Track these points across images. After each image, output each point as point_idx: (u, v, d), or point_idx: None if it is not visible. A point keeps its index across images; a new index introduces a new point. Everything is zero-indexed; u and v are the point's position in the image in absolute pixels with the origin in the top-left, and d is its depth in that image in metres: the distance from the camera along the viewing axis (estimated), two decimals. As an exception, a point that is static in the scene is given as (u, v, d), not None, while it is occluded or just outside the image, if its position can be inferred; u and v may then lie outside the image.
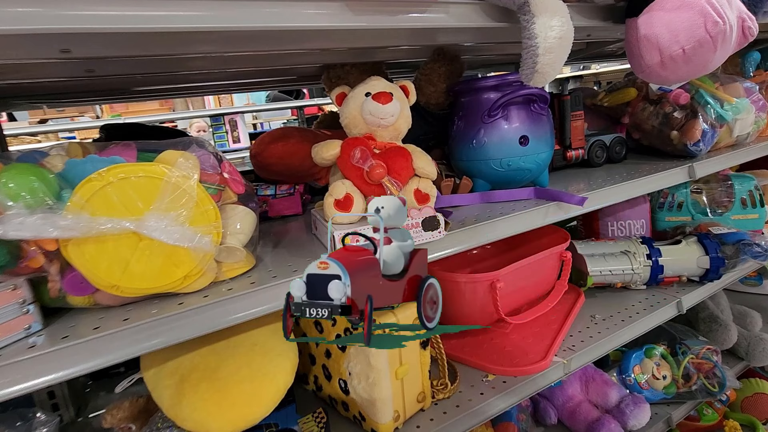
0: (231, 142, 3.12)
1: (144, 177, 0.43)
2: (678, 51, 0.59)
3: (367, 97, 0.60)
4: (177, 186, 0.44)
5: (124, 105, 3.33)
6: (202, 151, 0.48)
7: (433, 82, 0.83)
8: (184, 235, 0.44)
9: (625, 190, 0.79)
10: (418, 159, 0.60)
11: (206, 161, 0.48)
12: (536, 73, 0.55)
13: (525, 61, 0.56)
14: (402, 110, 0.61)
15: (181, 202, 0.44)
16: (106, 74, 0.61)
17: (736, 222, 1.20)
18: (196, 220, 0.45)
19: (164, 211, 0.43)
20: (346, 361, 0.66)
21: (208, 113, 3.02)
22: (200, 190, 0.46)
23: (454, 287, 0.81)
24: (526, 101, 0.74)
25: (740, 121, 0.93)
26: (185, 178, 0.45)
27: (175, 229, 0.44)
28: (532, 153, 0.74)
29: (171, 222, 0.43)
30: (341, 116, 0.63)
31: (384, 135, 0.61)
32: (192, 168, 0.45)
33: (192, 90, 1.09)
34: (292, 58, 0.73)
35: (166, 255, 0.45)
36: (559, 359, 0.80)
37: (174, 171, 0.44)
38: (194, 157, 0.46)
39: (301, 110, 3.24)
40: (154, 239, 0.43)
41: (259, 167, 0.87)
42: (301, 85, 1.37)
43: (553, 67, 0.55)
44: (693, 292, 1.00)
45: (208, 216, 0.46)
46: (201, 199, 0.46)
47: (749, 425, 1.28)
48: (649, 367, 1.07)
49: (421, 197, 0.59)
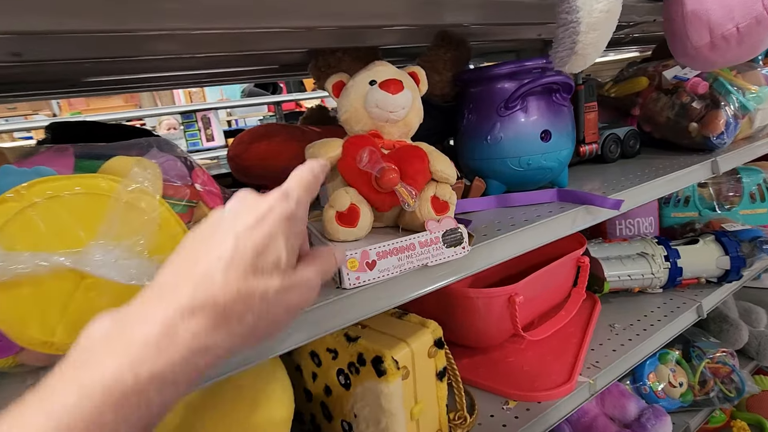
0: (204, 140, 2.95)
1: (83, 194, 0.32)
2: (732, 29, 0.51)
3: (372, 86, 0.49)
4: (131, 205, 0.33)
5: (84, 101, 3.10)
6: (165, 156, 0.37)
7: (438, 70, 0.72)
8: (143, 269, 0.33)
9: (655, 188, 0.71)
10: (436, 160, 0.50)
11: (172, 169, 0.37)
12: (575, 55, 0.46)
13: (561, 40, 0.46)
14: (414, 102, 0.51)
15: (138, 226, 0.33)
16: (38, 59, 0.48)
17: (745, 217, 1.15)
18: (161, 249, 0.34)
19: (114, 240, 0.32)
20: (351, 401, 0.55)
21: (178, 110, 2.84)
22: (164, 209, 0.35)
23: (466, 304, 0.71)
24: (547, 91, 0.64)
25: (761, 111, 0.87)
26: (142, 194, 0.33)
27: (131, 263, 0.32)
28: (554, 150, 0.65)
29: (124, 253, 0.32)
30: (340, 110, 0.52)
31: (392, 132, 0.51)
32: (152, 179, 0.34)
33: (157, 82, 0.95)
34: (271, 40, 0.61)
35: (120, 296, 0.33)
36: (585, 379, 0.72)
37: (126, 184, 0.32)
38: (154, 165, 0.35)
39: (279, 106, 3.09)
40: (102, 278, 0.32)
41: (238, 170, 0.75)
42: (283, 76, 1.25)
43: (597, 48, 0.46)
44: (711, 295, 0.94)
45: (176, 242, 0.35)
46: (166, 220, 0.34)
47: (757, 424, 1.24)
48: (665, 374, 1.01)
49: (440, 206, 0.49)
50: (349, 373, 0.55)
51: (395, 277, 0.46)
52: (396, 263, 0.45)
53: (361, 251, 0.44)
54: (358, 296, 0.44)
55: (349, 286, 0.43)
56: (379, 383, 0.51)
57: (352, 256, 0.43)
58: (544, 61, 0.63)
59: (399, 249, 0.45)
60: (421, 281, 0.48)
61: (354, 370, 0.54)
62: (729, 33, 0.51)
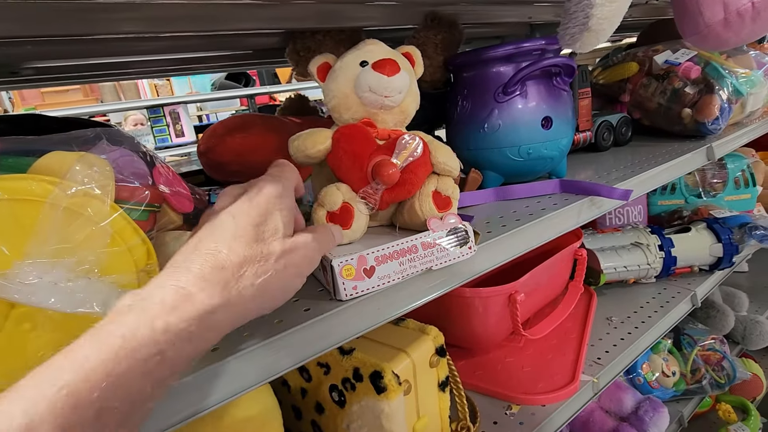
0: (174, 136, 2.80)
1: (8, 200, 0.25)
2: (747, 4, 0.47)
3: (363, 67, 0.43)
4: (73, 212, 0.26)
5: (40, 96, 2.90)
6: (118, 151, 0.30)
7: (428, 54, 0.67)
8: (93, 293, 0.26)
9: (655, 177, 0.68)
10: (438, 151, 0.44)
11: (127, 166, 0.30)
12: (587, 31, 0.42)
13: (573, 15, 0.42)
14: (411, 85, 0.45)
15: (84, 238, 0.26)
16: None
17: (730, 203, 1.15)
18: (114, 266, 0.28)
19: (51, 257, 0.25)
20: (346, 420, 0.50)
21: (144, 104, 2.69)
22: (120, 217, 0.28)
23: (463, 304, 0.67)
24: (547, 74, 0.60)
25: (753, 95, 0.85)
26: (88, 198, 0.26)
27: (77, 286, 0.26)
28: (555, 138, 0.61)
29: (66, 274, 0.25)
30: (326, 95, 0.46)
31: (387, 120, 0.45)
32: (100, 179, 0.27)
33: (118, 69, 0.86)
34: (243, 18, 0.54)
35: (64, 326, 0.27)
36: (588, 378, 0.69)
37: (65, 187, 0.26)
38: (103, 162, 0.28)
39: (252, 99, 2.96)
40: (38, 306, 0.25)
41: (210, 167, 0.68)
42: (257, 64, 1.16)
43: (612, 23, 0.42)
44: (704, 283, 0.93)
45: (135, 256, 0.28)
46: (120, 230, 0.28)
47: (740, 406, 1.26)
48: (658, 364, 1.00)
49: (442, 201, 0.44)
50: (344, 389, 0.49)
51: (396, 285, 0.40)
52: (397, 268, 0.40)
53: (358, 256, 0.38)
54: (354, 309, 0.38)
55: (346, 297, 0.38)
56: (378, 401, 0.46)
57: (347, 262, 0.38)
58: (543, 42, 0.58)
59: (400, 252, 0.40)
60: (426, 287, 0.43)
61: (349, 386, 0.49)
62: (744, 8, 0.47)
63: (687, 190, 1.17)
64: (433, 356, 0.52)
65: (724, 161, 1.15)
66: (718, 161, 1.16)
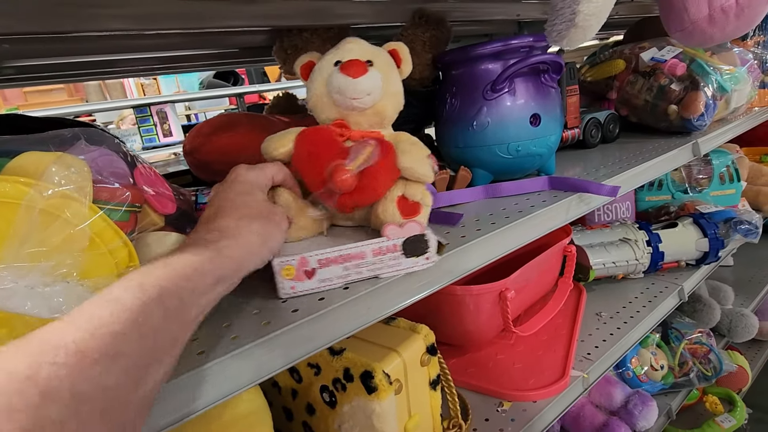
0: (161, 136, 2.76)
1: (-18, 203, 0.24)
2: (731, 1, 0.48)
3: (336, 68, 0.43)
4: (50, 214, 0.25)
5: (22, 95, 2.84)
6: (98, 151, 0.29)
7: (417, 51, 0.66)
8: (72, 297, 0.26)
9: (642, 173, 0.69)
10: (405, 156, 0.42)
11: (106, 166, 0.29)
12: (574, 27, 0.42)
13: (560, 11, 0.42)
14: (386, 86, 0.44)
15: (62, 241, 0.25)
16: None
17: (715, 198, 1.17)
18: (94, 269, 0.27)
19: (28, 260, 0.24)
20: (338, 421, 0.50)
21: (130, 103, 2.64)
22: (99, 218, 0.27)
23: (453, 301, 0.67)
24: (535, 72, 0.60)
25: (737, 92, 0.86)
26: (66, 200, 0.26)
27: (54, 290, 0.25)
28: (544, 135, 0.61)
29: (43, 278, 0.25)
30: (307, 95, 0.45)
31: (361, 121, 0.44)
32: (78, 180, 0.26)
33: (104, 68, 0.84)
34: (230, 15, 0.54)
35: (44, 332, 0.26)
36: (578, 373, 0.69)
37: (41, 188, 0.25)
38: (81, 162, 0.27)
39: (241, 98, 2.93)
40: (13, 312, 0.24)
41: (197, 166, 0.67)
42: (244, 63, 1.15)
43: (598, 19, 0.42)
44: (691, 277, 0.94)
45: (116, 258, 0.28)
46: (100, 231, 0.27)
47: (727, 398, 1.28)
48: (647, 358, 1.01)
49: (409, 207, 0.42)
50: (335, 390, 0.49)
51: (378, 288, 0.40)
52: (341, 273, 0.40)
53: (300, 257, 0.38)
54: (343, 309, 0.38)
55: (284, 296, 0.39)
56: (369, 401, 0.45)
57: (288, 262, 0.38)
58: (531, 39, 0.59)
59: (346, 257, 0.39)
60: (416, 285, 0.43)
61: (340, 386, 0.48)
62: (728, 5, 0.48)
63: (674, 186, 1.18)
64: (424, 355, 0.52)
65: (709, 157, 1.16)
66: (703, 157, 1.18)
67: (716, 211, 1.03)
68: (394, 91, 0.46)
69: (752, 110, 1.04)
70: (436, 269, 0.44)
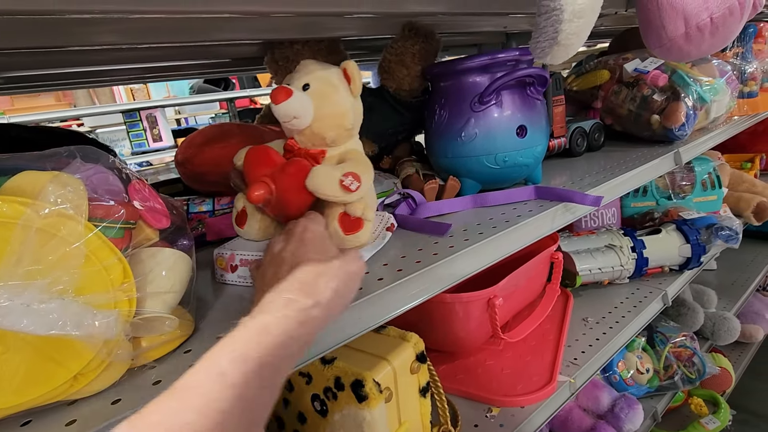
0: (151, 140, 2.74)
1: (-21, 223, 0.24)
2: (706, 20, 0.50)
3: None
4: (47, 233, 0.26)
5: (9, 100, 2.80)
6: (93, 169, 0.30)
7: (406, 63, 0.68)
8: (68, 314, 0.26)
9: (626, 182, 0.71)
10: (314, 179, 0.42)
11: (102, 184, 0.30)
12: (557, 45, 0.43)
13: (543, 29, 0.43)
14: (320, 109, 0.44)
15: (58, 259, 0.26)
16: None
17: (698, 204, 1.20)
18: (89, 286, 0.27)
19: (24, 278, 0.25)
20: (329, 429, 0.50)
21: (120, 108, 2.63)
22: (95, 236, 0.28)
23: (442, 309, 0.68)
24: (521, 84, 0.62)
25: (717, 102, 0.89)
26: (62, 218, 0.26)
27: (51, 307, 0.26)
28: (530, 145, 0.63)
29: (40, 296, 0.25)
30: None
31: (304, 141, 0.46)
32: (74, 199, 0.27)
33: (93, 77, 0.84)
34: (221, 29, 0.54)
35: (39, 349, 0.27)
36: (565, 378, 0.70)
37: (38, 207, 0.26)
38: (77, 181, 0.28)
39: (232, 103, 2.93)
40: (9, 329, 0.25)
41: (189, 177, 0.67)
42: (235, 71, 1.16)
43: (579, 38, 0.43)
44: (674, 282, 0.96)
45: (111, 275, 0.28)
46: (95, 249, 0.28)
47: (711, 400, 1.31)
48: (633, 362, 1.03)
49: (350, 224, 0.44)
50: (326, 398, 0.50)
51: (369, 298, 0.41)
52: (247, 275, 0.46)
53: (231, 253, 0.47)
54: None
55: (218, 280, 0.48)
56: (360, 410, 0.46)
57: (221, 254, 0.47)
58: (517, 53, 0.60)
59: (251, 261, 0.45)
60: (407, 294, 0.44)
61: (331, 395, 0.49)
62: (703, 23, 0.50)
63: (658, 193, 1.21)
64: (414, 363, 0.52)
65: (692, 164, 1.19)
66: (686, 164, 1.21)
67: (698, 217, 1.06)
68: (331, 112, 0.45)
69: (732, 119, 1.07)
70: (427, 278, 0.45)
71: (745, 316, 1.53)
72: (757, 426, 1.51)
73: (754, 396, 1.59)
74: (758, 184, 1.33)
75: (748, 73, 1.14)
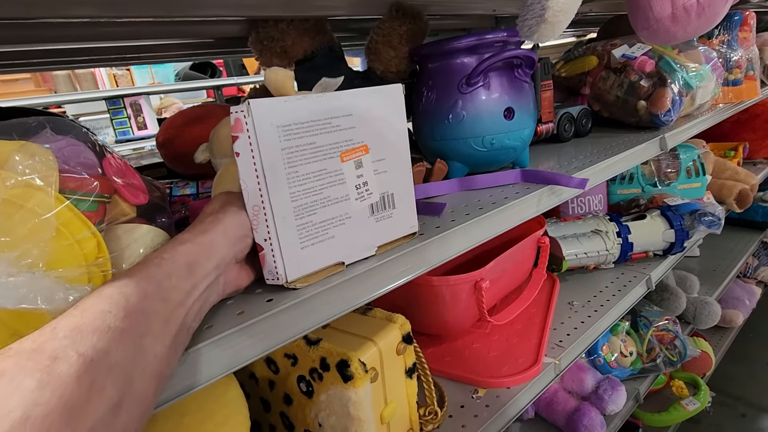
0: (135, 128, 2.69)
1: (-59, 192, 0.23)
2: (692, 1, 0.50)
3: None
4: (14, 204, 0.25)
5: (-15, 85, 2.71)
6: (64, 140, 0.29)
7: (393, 44, 0.67)
8: (38, 287, 0.25)
9: (611, 167, 0.71)
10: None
11: (74, 156, 0.29)
12: (544, 23, 0.43)
13: (530, 7, 0.43)
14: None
15: (26, 231, 0.25)
16: None
17: (682, 191, 1.22)
18: (61, 260, 0.27)
19: (-8, 251, 0.24)
20: (314, 410, 0.50)
21: (103, 95, 2.56)
22: (65, 209, 0.27)
23: (429, 292, 0.68)
24: (509, 66, 0.61)
25: (702, 88, 0.90)
26: (30, 189, 0.25)
27: (19, 280, 0.25)
28: (518, 128, 0.63)
29: (7, 269, 0.24)
30: None
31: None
32: (43, 169, 0.26)
33: (72, 56, 0.81)
34: (202, 6, 0.53)
35: (8, 324, 0.26)
36: (550, 360, 0.71)
37: (4, 177, 0.25)
38: (46, 151, 0.27)
39: (219, 90, 2.87)
40: (-23, 303, 0.24)
41: (170, 158, 0.66)
42: (219, 53, 1.13)
43: (567, 15, 0.43)
44: (658, 267, 0.98)
45: (84, 249, 0.27)
46: (66, 222, 0.27)
47: (692, 382, 1.35)
48: (617, 345, 1.05)
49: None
50: (312, 379, 0.50)
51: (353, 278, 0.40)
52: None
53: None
54: (318, 298, 0.39)
55: None
56: (346, 389, 0.46)
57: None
58: (505, 33, 0.60)
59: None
60: (391, 274, 0.43)
61: (317, 376, 0.49)
62: (690, 4, 0.50)
63: (644, 180, 1.22)
64: (400, 344, 0.53)
65: (677, 152, 1.21)
66: (671, 152, 1.22)
67: (682, 203, 1.07)
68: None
69: (716, 107, 1.08)
70: (413, 257, 0.44)
71: (725, 302, 1.57)
72: (735, 408, 1.56)
73: (732, 379, 1.64)
74: (741, 172, 1.36)
75: (733, 61, 1.15)
